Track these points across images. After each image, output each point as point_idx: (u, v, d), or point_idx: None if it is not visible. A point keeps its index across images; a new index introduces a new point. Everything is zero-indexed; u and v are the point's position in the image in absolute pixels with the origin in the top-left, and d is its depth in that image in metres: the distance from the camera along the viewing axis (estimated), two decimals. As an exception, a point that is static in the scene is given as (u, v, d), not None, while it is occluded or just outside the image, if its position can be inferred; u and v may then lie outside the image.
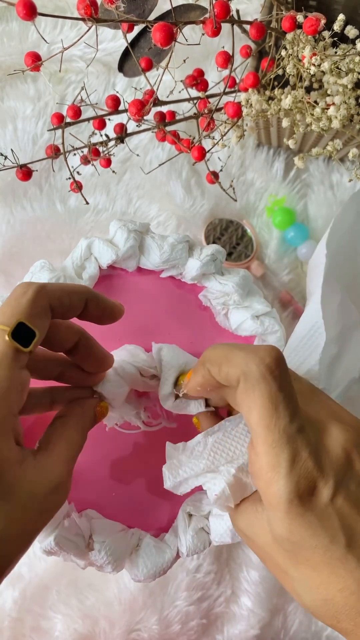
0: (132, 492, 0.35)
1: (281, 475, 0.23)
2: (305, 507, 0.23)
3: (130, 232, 0.37)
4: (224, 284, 0.37)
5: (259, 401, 0.24)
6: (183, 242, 0.37)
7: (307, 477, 0.23)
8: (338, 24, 0.35)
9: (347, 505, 0.24)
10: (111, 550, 0.31)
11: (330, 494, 0.24)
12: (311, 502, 0.24)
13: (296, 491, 0.23)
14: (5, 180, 0.58)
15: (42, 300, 0.25)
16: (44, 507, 0.25)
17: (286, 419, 0.24)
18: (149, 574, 0.32)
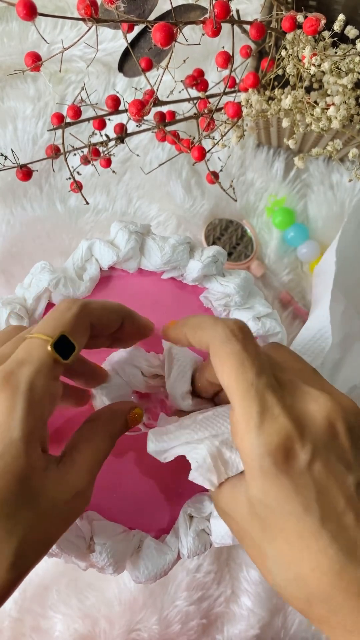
0: (133, 493, 0.35)
1: (252, 427, 0.23)
2: (280, 468, 0.23)
3: (131, 233, 0.37)
4: (225, 285, 0.37)
5: (226, 359, 0.25)
6: (184, 243, 0.37)
7: (282, 435, 0.23)
8: (338, 24, 0.35)
9: (326, 475, 0.23)
10: (112, 552, 0.31)
11: (307, 459, 0.23)
12: (286, 464, 0.23)
13: (269, 447, 0.23)
14: (5, 180, 0.58)
15: (84, 317, 0.26)
16: (64, 515, 0.25)
17: (252, 373, 0.24)
18: (149, 576, 0.32)
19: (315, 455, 0.23)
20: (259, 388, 0.24)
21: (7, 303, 0.35)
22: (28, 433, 0.23)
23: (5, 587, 0.23)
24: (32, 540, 0.23)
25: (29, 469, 0.23)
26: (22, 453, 0.22)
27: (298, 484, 0.23)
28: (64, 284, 0.35)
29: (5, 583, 0.22)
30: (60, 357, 0.24)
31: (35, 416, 0.23)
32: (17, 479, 0.22)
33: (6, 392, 0.23)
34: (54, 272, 0.36)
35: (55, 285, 0.35)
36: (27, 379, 0.23)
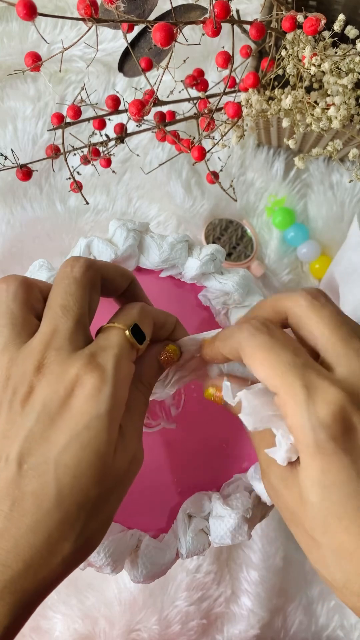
0: (132, 493, 0.35)
1: (300, 402, 0.23)
2: (338, 443, 0.22)
3: (130, 231, 0.37)
4: (224, 283, 0.37)
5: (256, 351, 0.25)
6: (182, 241, 0.37)
7: (336, 406, 0.22)
8: (338, 24, 0.35)
9: None
10: (110, 551, 0.31)
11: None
12: (345, 439, 0.22)
13: (323, 420, 0.22)
14: (5, 180, 0.58)
15: (147, 314, 0.29)
16: (124, 482, 0.26)
17: (287, 355, 0.24)
18: (148, 575, 0.32)
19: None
20: (298, 365, 0.24)
21: None
22: (114, 409, 0.24)
23: (73, 559, 0.24)
24: (97, 514, 0.24)
25: (108, 444, 0.24)
26: (106, 427, 0.23)
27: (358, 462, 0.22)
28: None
29: (73, 554, 0.23)
30: (136, 342, 0.27)
31: (120, 393, 0.25)
32: (98, 454, 0.23)
33: (95, 371, 0.24)
34: (52, 270, 0.36)
35: None
36: (113, 361, 0.25)
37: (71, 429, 0.23)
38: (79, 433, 0.23)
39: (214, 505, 0.33)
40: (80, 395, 0.24)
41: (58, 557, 0.23)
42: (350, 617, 0.54)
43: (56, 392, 0.24)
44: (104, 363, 0.24)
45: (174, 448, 0.36)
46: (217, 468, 0.36)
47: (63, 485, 0.22)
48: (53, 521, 0.22)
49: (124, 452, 0.25)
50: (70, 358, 0.24)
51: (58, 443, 0.23)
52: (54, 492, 0.22)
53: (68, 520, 0.23)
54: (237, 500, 0.33)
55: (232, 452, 0.37)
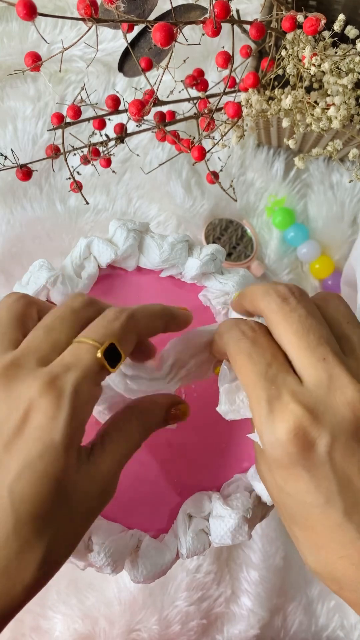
0: (132, 493, 0.35)
1: (262, 416, 0.23)
2: (294, 460, 0.22)
3: (130, 231, 0.37)
4: (224, 283, 0.37)
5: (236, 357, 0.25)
6: (182, 241, 0.37)
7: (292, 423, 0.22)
8: (338, 24, 0.35)
9: (348, 466, 0.22)
10: (110, 551, 0.31)
11: (325, 448, 0.22)
12: (302, 455, 0.22)
13: (281, 437, 0.22)
14: (5, 180, 0.58)
15: (131, 327, 0.26)
16: (91, 510, 0.25)
17: (262, 364, 0.24)
18: (148, 575, 0.32)
19: (336, 444, 0.22)
20: (268, 377, 0.24)
21: None
22: (69, 437, 0.23)
23: (35, 585, 0.23)
24: (62, 538, 0.24)
25: (66, 470, 0.23)
26: (61, 456, 0.23)
27: (317, 476, 0.22)
28: (62, 281, 0.35)
29: (35, 581, 0.23)
30: (108, 365, 0.25)
31: (77, 420, 0.23)
32: (54, 481, 0.22)
33: (51, 395, 0.23)
34: (52, 270, 0.35)
35: (54, 283, 0.35)
36: (73, 384, 0.23)
37: (24, 456, 0.22)
38: (33, 461, 0.22)
39: (214, 505, 0.33)
40: (34, 421, 0.23)
41: (19, 586, 0.22)
42: (351, 617, 0.54)
43: (10, 414, 0.23)
44: (63, 386, 0.23)
45: (174, 448, 0.36)
46: (217, 468, 0.36)
47: (19, 513, 0.22)
48: (11, 550, 0.22)
49: (92, 482, 0.24)
50: (29, 376, 0.23)
51: (11, 470, 0.22)
52: (10, 521, 0.22)
53: (27, 548, 0.22)
54: (237, 500, 0.33)
55: (232, 452, 0.36)
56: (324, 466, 0.22)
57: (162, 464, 0.36)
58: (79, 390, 0.23)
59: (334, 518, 0.22)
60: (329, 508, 0.22)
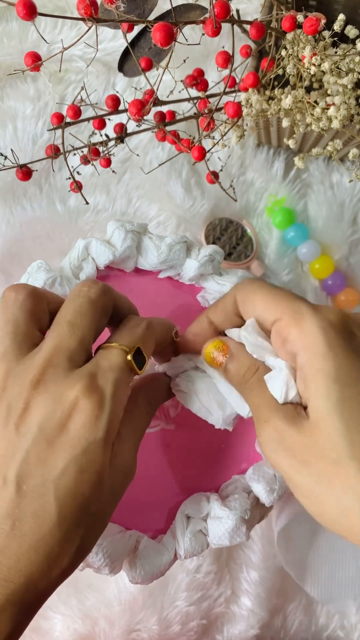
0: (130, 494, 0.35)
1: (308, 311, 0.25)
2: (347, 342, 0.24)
3: (128, 232, 0.37)
4: (222, 284, 0.37)
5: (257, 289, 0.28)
6: (181, 242, 0.37)
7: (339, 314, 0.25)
8: (338, 24, 0.35)
9: None
10: (109, 552, 0.31)
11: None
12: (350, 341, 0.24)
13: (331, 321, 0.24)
14: (5, 180, 0.58)
15: (151, 334, 0.29)
16: (117, 495, 0.27)
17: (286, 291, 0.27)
18: (146, 576, 0.32)
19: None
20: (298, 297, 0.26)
21: None
22: (109, 434, 0.25)
23: (70, 569, 0.25)
24: (94, 526, 0.25)
25: (104, 465, 0.25)
26: (102, 453, 0.24)
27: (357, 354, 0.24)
28: (60, 283, 0.35)
29: (70, 565, 0.24)
30: (136, 367, 0.27)
31: (116, 419, 0.25)
32: (95, 476, 0.24)
33: (95, 396, 0.25)
34: (50, 271, 0.35)
35: (52, 285, 0.35)
36: (111, 386, 0.25)
37: (69, 453, 0.24)
38: (77, 457, 0.24)
39: (212, 506, 0.33)
40: (79, 420, 0.24)
41: (57, 570, 0.24)
42: (351, 617, 0.54)
43: (53, 413, 0.24)
44: (103, 387, 0.25)
45: (172, 449, 0.36)
46: (216, 469, 0.36)
47: (63, 506, 0.23)
48: (54, 539, 0.23)
49: (120, 468, 0.26)
50: (68, 378, 0.25)
51: (56, 466, 0.24)
52: (55, 513, 0.23)
53: (69, 537, 0.24)
54: (235, 501, 0.33)
55: (231, 453, 0.36)
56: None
57: (160, 465, 0.36)
58: (117, 390, 0.25)
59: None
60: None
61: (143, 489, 0.35)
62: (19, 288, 0.28)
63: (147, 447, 0.36)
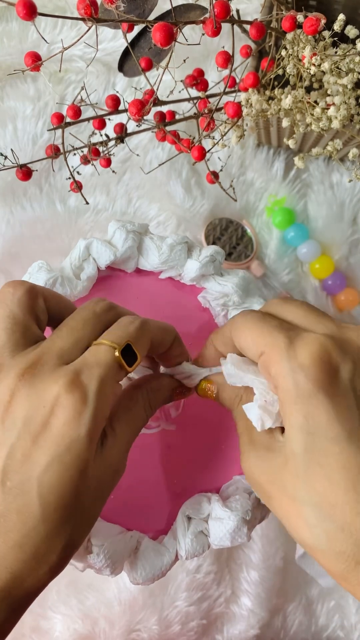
0: (131, 495, 0.35)
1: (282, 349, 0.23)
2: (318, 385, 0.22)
3: (129, 232, 0.37)
4: (223, 285, 0.37)
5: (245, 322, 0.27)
6: (182, 243, 0.37)
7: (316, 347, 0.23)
8: (338, 24, 0.35)
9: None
10: (110, 553, 0.31)
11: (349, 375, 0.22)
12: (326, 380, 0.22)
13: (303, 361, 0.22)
14: (5, 180, 0.58)
15: (146, 332, 0.28)
16: (106, 492, 0.27)
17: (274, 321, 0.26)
18: (147, 577, 0.32)
19: (357, 371, 0.22)
20: (283, 327, 0.25)
21: None
22: (93, 431, 0.24)
23: (58, 567, 0.25)
24: (83, 522, 0.25)
25: (88, 461, 0.24)
26: (86, 450, 0.24)
27: (340, 405, 0.22)
28: (61, 283, 0.35)
29: (59, 563, 0.24)
30: (125, 364, 0.26)
31: (100, 416, 0.25)
32: (79, 472, 0.24)
33: (77, 392, 0.24)
34: (51, 272, 0.35)
35: (52, 285, 0.35)
36: (96, 382, 0.25)
37: (52, 450, 0.23)
38: (61, 454, 0.23)
39: (213, 507, 0.33)
40: (61, 417, 0.24)
41: (45, 567, 0.24)
42: (351, 617, 0.54)
43: (37, 409, 0.24)
44: (87, 383, 0.24)
45: (173, 450, 0.36)
46: (217, 470, 0.36)
47: (47, 503, 0.23)
48: (40, 536, 0.23)
49: (109, 464, 0.26)
50: (54, 373, 0.25)
51: (40, 463, 0.23)
52: (38, 510, 0.23)
53: (54, 534, 0.23)
54: (236, 502, 0.33)
55: (232, 454, 0.36)
56: (347, 394, 0.22)
57: (161, 466, 0.36)
58: (102, 387, 0.25)
59: (355, 455, 0.21)
60: (351, 443, 0.21)
61: (144, 489, 0.35)
62: (17, 284, 0.28)
63: (148, 447, 0.36)
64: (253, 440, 0.27)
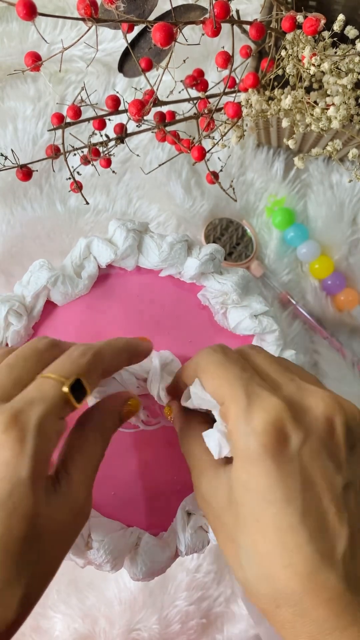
0: (131, 491, 0.35)
1: (240, 408, 0.23)
2: (267, 450, 0.22)
3: (129, 231, 0.37)
4: (223, 283, 0.37)
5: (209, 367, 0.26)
6: (182, 241, 0.37)
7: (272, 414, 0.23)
8: (338, 24, 0.35)
9: (314, 468, 0.22)
10: (110, 548, 0.31)
11: (298, 444, 0.22)
12: (275, 447, 0.22)
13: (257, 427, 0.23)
14: (5, 180, 0.58)
15: (98, 364, 0.27)
16: (67, 537, 0.25)
17: (236, 369, 0.25)
18: (147, 572, 0.32)
19: (306, 443, 0.23)
20: (244, 378, 0.25)
21: (5, 300, 0.35)
22: (35, 472, 0.23)
23: (16, 622, 0.23)
24: (40, 571, 0.24)
25: (36, 506, 0.23)
26: (29, 492, 0.22)
27: (284, 471, 0.22)
28: (63, 281, 0.36)
29: (16, 617, 0.23)
30: (74, 400, 0.25)
31: (42, 455, 0.23)
32: (25, 518, 0.22)
33: (15, 431, 0.23)
34: (52, 270, 0.36)
35: (54, 283, 0.35)
36: (37, 419, 0.23)
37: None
38: (3, 501, 0.22)
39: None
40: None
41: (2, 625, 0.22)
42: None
43: None
44: (25, 421, 0.23)
45: (173, 446, 0.36)
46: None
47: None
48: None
49: (66, 506, 0.25)
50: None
51: None
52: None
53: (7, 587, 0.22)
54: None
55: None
56: (292, 463, 0.22)
57: (161, 462, 0.36)
58: (43, 424, 0.23)
59: (289, 518, 0.22)
60: (287, 507, 0.22)
61: (144, 486, 0.35)
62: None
63: (148, 444, 0.36)
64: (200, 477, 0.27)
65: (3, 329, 0.35)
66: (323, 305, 0.58)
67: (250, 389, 0.24)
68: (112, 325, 0.37)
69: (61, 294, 0.36)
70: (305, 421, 0.23)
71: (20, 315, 0.35)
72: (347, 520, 0.22)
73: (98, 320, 0.37)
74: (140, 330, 0.38)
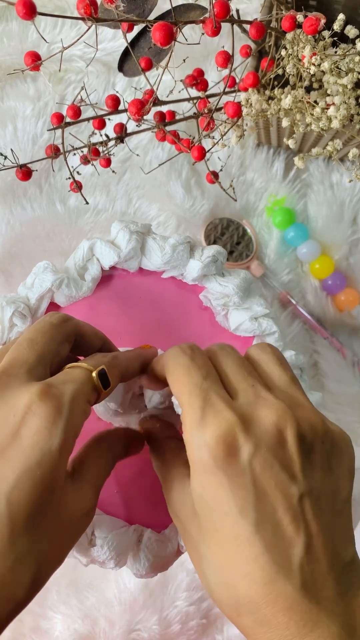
0: (134, 490, 0.35)
1: (194, 420, 0.23)
2: (218, 463, 0.22)
3: (132, 233, 0.37)
4: (224, 285, 0.37)
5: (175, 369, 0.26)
6: (184, 243, 0.37)
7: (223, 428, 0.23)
8: (338, 24, 0.35)
9: (266, 479, 0.22)
10: (113, 545, 0.31)
11: (248, 456, 0.23)
12: (226, 460, 0.22)
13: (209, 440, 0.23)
14: (5, 180, 0.58)
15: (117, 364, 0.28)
16: (77, 530, 0.26)
17: (198, 377, 0.25)
18: (150, 568, 0.32)
19: (257, 454, 0.23)
20: (203, 387, 0.25)
21: (11, 302, 0.35)
22: (64, 445, 0.23)
23: (25, 601, 0.23)
24: (50, 555, 0.23)
25: (58, 480, 0.23)
26: (57, 464, 0.23)
27: (236, 484, 0.22)
28: (67, 284, 0.36)
29: (26, 596, 0.22)
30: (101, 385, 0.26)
31: (72, 430, 0.24)
32: (50, 489, 0.22)
33: (51, 401, 0.23)
34: (57, 273, 0.36)
35: (59, 286, 0.36)
36: (70, 394, 0.24)
37: (22, 463, 0.22)
38: (30, 469, 0.22)
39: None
40: (33, 426, 0.23)
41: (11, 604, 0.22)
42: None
43: (5, 419, 0.23)
44: (60, 394, 0.24)
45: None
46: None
47: (16, 522, 0.21)
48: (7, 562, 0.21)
49: (77, 502, 0.25)
50: (24, 385, 0.24)
51: (8, 478, 0.22)
52: (7, 531, 0.21)
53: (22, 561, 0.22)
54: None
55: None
56: (243, 474, 0.23)
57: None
58: (76, 399, 0.24)
59: (244, 529, 0.22)
60: (241, 519, 0.22)
61: (146, 484, 0.35)
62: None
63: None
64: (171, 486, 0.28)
65: (7, 329, 0.35)
66: (323, 305, 0.58)
67: (207, 399, 0.24)
68: (115, 326, 0.38)
69: (65, 296, 0.36)
70: (256, 433, 0.23)
71: (25, 317, 0.35)
72: (303, 529, 0.22)
73: (101, 321, 0.37)
74: (142, 330, 0.38)
